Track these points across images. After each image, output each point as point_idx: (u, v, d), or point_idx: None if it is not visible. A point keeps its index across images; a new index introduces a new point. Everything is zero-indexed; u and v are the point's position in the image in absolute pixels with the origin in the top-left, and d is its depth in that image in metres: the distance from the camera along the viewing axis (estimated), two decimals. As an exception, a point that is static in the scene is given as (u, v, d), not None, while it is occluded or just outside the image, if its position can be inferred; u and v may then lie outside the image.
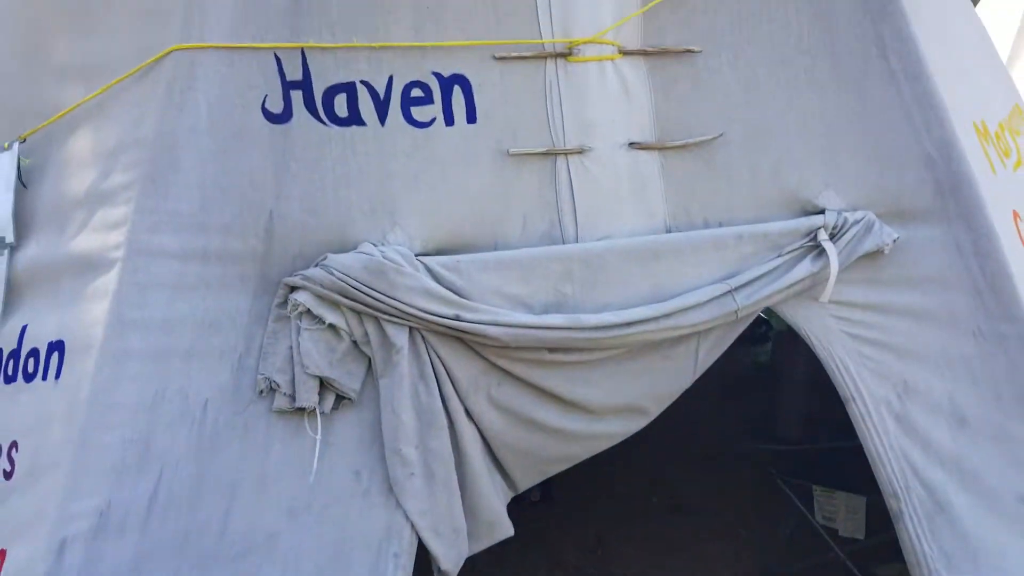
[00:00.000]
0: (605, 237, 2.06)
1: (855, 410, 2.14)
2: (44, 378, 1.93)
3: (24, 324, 2.01)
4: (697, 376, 2.14)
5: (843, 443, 2.50)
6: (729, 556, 3.48)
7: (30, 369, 1.95)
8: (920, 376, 2.18)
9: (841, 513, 3.26)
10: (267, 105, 1.95)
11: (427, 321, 1.90)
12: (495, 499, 2.03)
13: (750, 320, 2.12)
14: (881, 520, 2.95)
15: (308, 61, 1.96)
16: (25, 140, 2.09)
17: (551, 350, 1.99)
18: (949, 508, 2.11)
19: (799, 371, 4.05)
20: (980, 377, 2.17)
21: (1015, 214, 2.33)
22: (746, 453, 3.45)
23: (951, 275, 2.15)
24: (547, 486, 3.96)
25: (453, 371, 1.97)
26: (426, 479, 1.92)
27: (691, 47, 2.10)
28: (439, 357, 1.96)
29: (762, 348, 5.50)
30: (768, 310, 2.13)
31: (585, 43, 2.06)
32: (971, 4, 2.96)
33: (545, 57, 2.06)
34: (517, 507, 2.18)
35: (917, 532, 2.09)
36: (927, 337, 2.19)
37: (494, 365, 1.99)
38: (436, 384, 1.95)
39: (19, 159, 2.07)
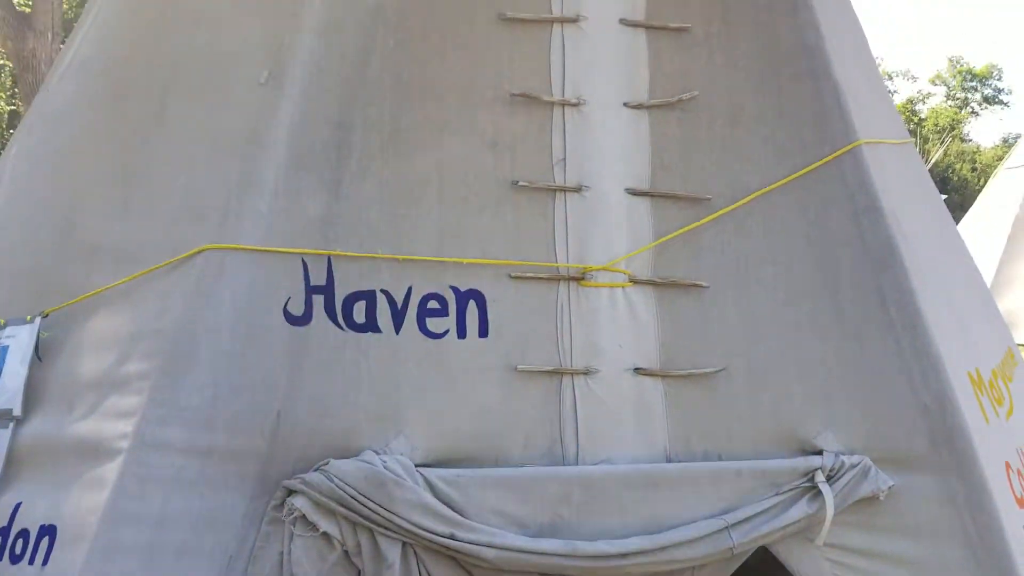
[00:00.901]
0: (605, 460, 2.08)
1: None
2: (31, 562, 1.90)
3: (18, 502, 2.00)
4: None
5: None
6: None
7: (17, 551, 1.92)
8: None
9: None
10: (289, 307, 2.01)
11: (422, 537, 1.89)
12: None
13: (745, 556, 2.11)
14: None
15: (333, 268, 2.04)
16: (48, 315, 2.14)
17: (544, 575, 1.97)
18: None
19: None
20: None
21: (1007, 464, 2.36)
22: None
23: (944, 526, 2.16)
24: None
25: (440, 588, 1.95)
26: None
27: (699, 281, 2.19)
28: (428, 573, 1.94)
29: None
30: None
31: (598, 270, 2.15)
32: (962, 242, 3.09)
33: (559, 280, 2.14)
34: None
35: None
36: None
37: (482, 585, 1.97)
38: (419, 600, 1.92)
39: (39, 333, 2.11)
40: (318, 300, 2.02)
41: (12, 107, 16.98)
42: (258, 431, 1.94)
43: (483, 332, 2.10)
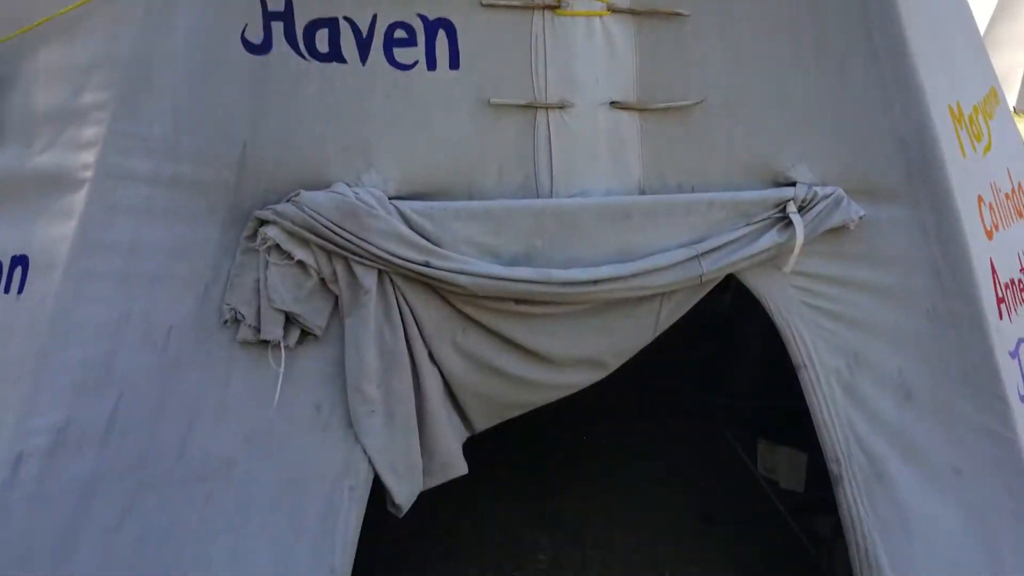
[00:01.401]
0: (580, 194, 2.08)
1: (806, 377, 2.21)
2: (7, 291, 1.92)
3: (-14, 236, 1.99)
4: (657, 334, 2.19)
5: (791, 403, 2.59)
6: (671, 500, 3.61)
7: (-8, 282, 1.94)
8: (872, 349, 2.25)
9: (783, 467, 3.39)
10: (247, 35, 1.91)
11: (397, 265, 1.92)
12: (452, 440, 2.08)
13: (713, 284, 2.16)
14: (820, 477, 3.09)
15: (291, -8, 1.92)
16: (-4, 48, 2.04)
17: (518, 301, 2.02)
18: (888, 478, 2.20)
19: (755, 325, 4.14)
20: (930, 354, 2.25)
21: (979, 198, 2.38)
22: (696, 404, 3.54)
23: (913, 255, 2.20)
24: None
25: (420, 315, 2.00)
26: (386, 418, 1.96)
27: (679, 10, 2.09)
28: (406, 301, 1.98)
29: (721, 297, 5.62)
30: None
31: (574, -4, 2.04)
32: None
33: (533, 8, 2.04)
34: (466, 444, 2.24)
35: (855, 497, 2.19)
36: (883, 313, 2.25)
37: (460, 312, 2.01)
38: (402, 327, 1.98)
39: (-11, 67, 2.02)
40: (277, 27, 1.92)
41: None
42: (224, 162, 1.91)
43: (454, 63, 2.02)
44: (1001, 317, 2.33)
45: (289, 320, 1.95)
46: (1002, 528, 2.22)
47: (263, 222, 1.91)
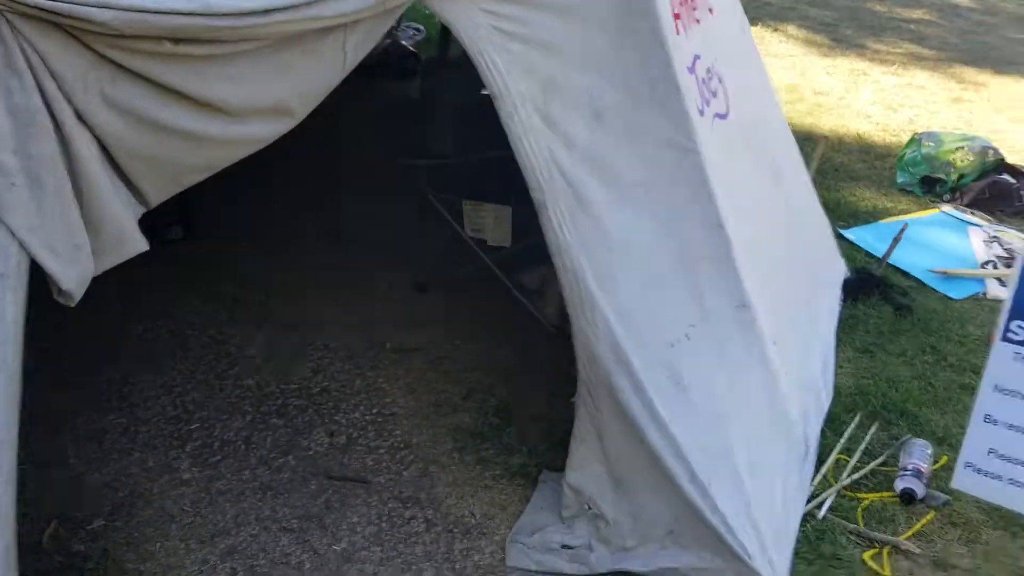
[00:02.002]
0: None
1: (503, 107, 2.15)
2: None
3: None
4: (346, 73, 1.99)
5: (490, 155, 2.55)
6: (385, 272, 3.56)
7: None
8: (563, 73, 2.22)
9: (489, 224, 3.42)
10: None
11: (14, 2, 1.53)
12: (122, 212, 1.80)
13: (399, 12, 1.99)
14: (525, 229, 3.16)
15: None
16: None
17: (175, 41, 1.72)
18: (586, 199, 2.23)
19: (449, 100, 4.06)
20: (615, 73, 2.26)
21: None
22: (397, 172, 3.43)
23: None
24: (188, 221, 3.73)
25: (53, 65, 1.63)
26: (32, 190, 1.63)
27: None
28: (34, 48, 1.61)
29: (412, 83, 5.48)
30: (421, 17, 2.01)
31: None
32: None
33: None
34: (160, 247, 1.98)
35: (559, 222, 2.21)
36: (570, 34, 2.21)
37: (104, 58, 1.68)
38: (33, 80, 1.62)
39: None
40: None
41: None
42: None
43: None
44: (678, 32, 2.39)
45: None
46: (690, 233, 2.37)
47: None
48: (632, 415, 2.26)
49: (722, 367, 2.42)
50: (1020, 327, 2.08)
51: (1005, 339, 2.10)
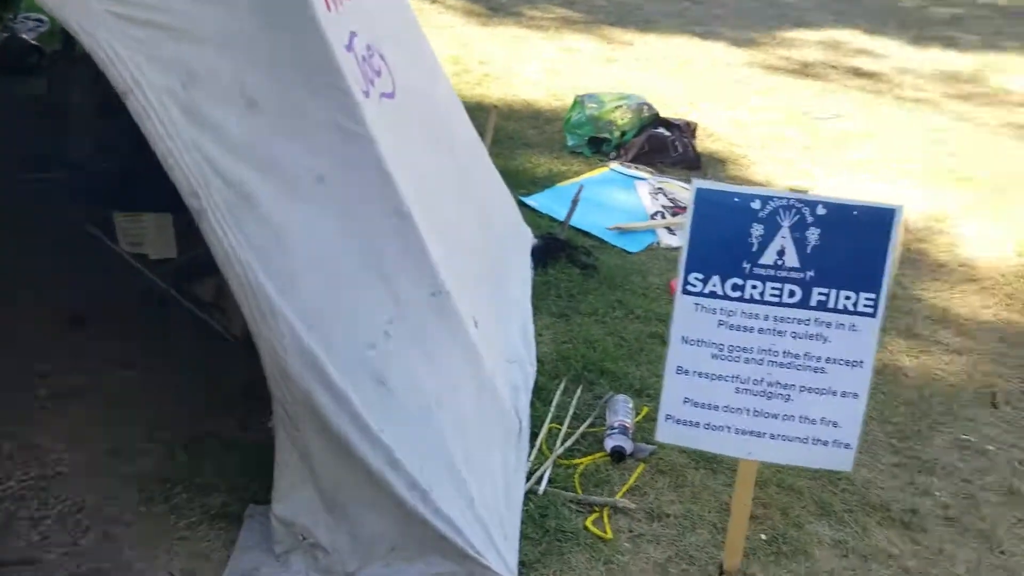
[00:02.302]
0: None
1: (135, 104, 1.84)
2: None
3: None
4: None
5: (137, 162, 2.23)
6: (30, 308, 3.04)
7: None
8: (205, 60, 1.95)
9: (149, 235, 3.04)
10: None
11: None
12: None
13: None
14: (192, 235, 2.82)
15: None
16: None
17: None
18: (252, 198, 1.99)
19: (82, 97, 3.57)
20: (266, 57, 2.03)
21: None
22: (30, 185, 2.94)
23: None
24: None
25: None
26: None
27: None
28: None
29: (36, 80, 4.80)
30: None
31: None
32: None
33: None
34: None
35: (222, 226, 1.95)
36: (209, 16, 1.95)
37: None
38: None
39: None
40: None
41: None
42: None
43: None
44: (329, 8, 2.20)
45: None
46: (374, 223, 2.21)
47: None
48: (338, 430, 2.07)
49: (426, 359, 2.30)
50: (697, 279, 2.16)
51: (685, 292, 2.17)
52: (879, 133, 5.62)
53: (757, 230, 2.13)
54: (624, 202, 4.26)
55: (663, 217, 4.14)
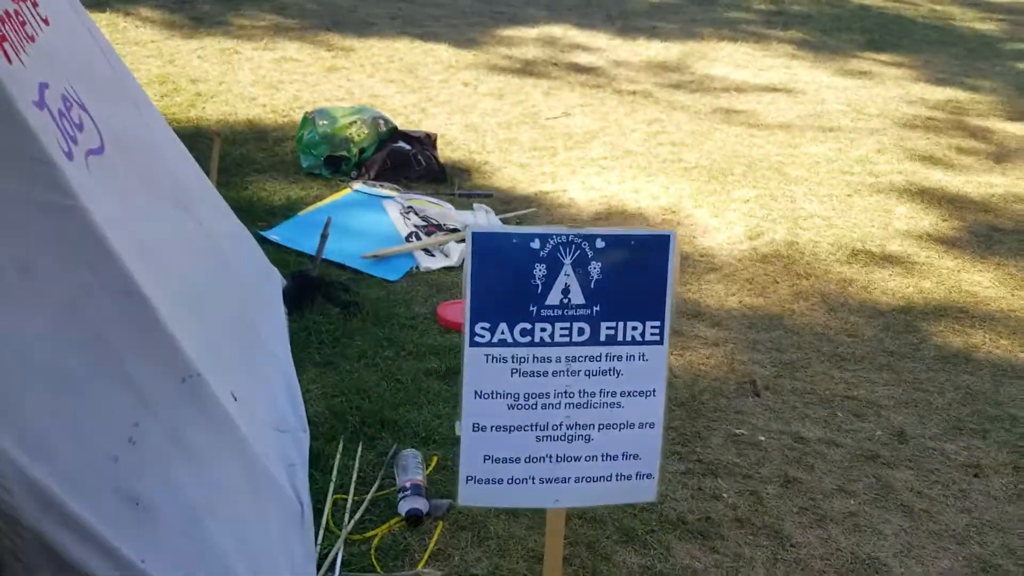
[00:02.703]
0: None
1: None
2: None
3: None
4: None
5: None
6: None
7: None
8: None
9: None
10: None
11: None
12: None
13: None
14: None
15: None
16: None
17: None
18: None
19: None
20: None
21: None
22: None
23: None
24: None
25: None
26: None
27: None
28: None
29: None
30: None
31: None
32: None
33: None
34: None
35: None
36: None
37: None
38: None
39: None
40: None
41: None
42: None
43: None
44: (11, 61, 1.79)
45: None
46: (101, 312, 1.84)
47: None
48: (88, 571, 1.70)
49: (186, 460, 1.97)
50: (484, 328, 2.01)
51: (473, 344, 2.01)
52: (605, 128, 5.80)
53: (540, 270, 2.01)
54: (375, 225, 4.04)
55: (418, 238, 3.97)
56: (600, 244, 2.02)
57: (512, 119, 5.79)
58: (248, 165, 4.57)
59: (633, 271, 2.06)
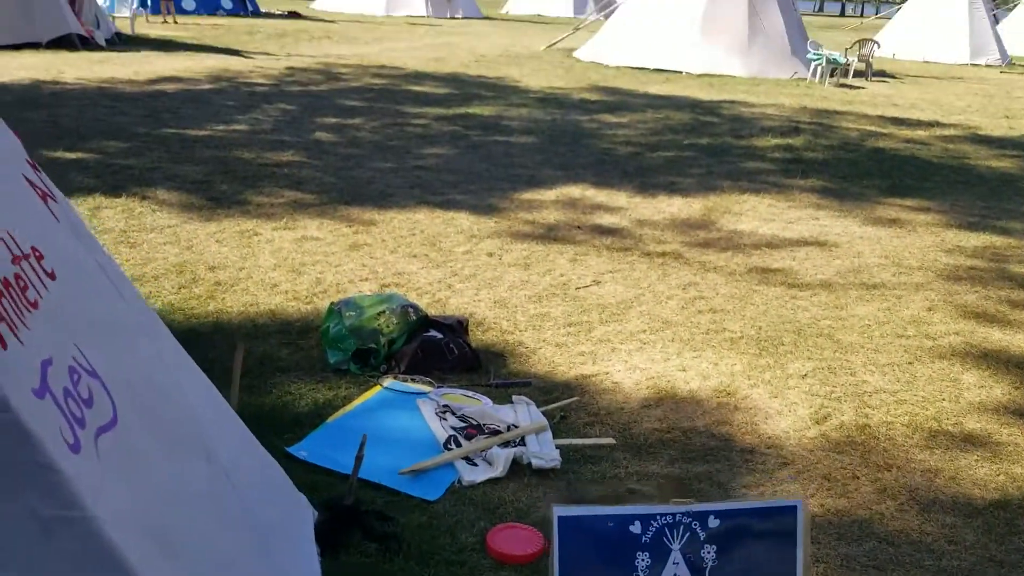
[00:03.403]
0: None
1: None
2: None
3: None
4: None
5: None
6: None
7: None
8: None
9: None
10: None
11: None
12: None
13: None
14: None
15: None
16: None
17: None
18: None
19: None
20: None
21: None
22: None
23: None
24: None
25: None
26: None
27: None
28: None
29: None
30: None
31: None
32: None
33: None
34: None
35: None
36: None
37: None
38: None
39: None
40: None
41: None
42: None
43: None
44: (6, 347, 1.50)
45: None
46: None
47: None
48: None
49: None
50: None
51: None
52: (639, 296, 5.54)
53: (643, 560, 1.66)
54: (410, 432, 3.70)
55: (457, 443, 3.61)
56: (714, 523, 1.67)
57: (541, 291, 5.54)
58: (271, 363, 4.26)
59: (754, 550, 1.70)
